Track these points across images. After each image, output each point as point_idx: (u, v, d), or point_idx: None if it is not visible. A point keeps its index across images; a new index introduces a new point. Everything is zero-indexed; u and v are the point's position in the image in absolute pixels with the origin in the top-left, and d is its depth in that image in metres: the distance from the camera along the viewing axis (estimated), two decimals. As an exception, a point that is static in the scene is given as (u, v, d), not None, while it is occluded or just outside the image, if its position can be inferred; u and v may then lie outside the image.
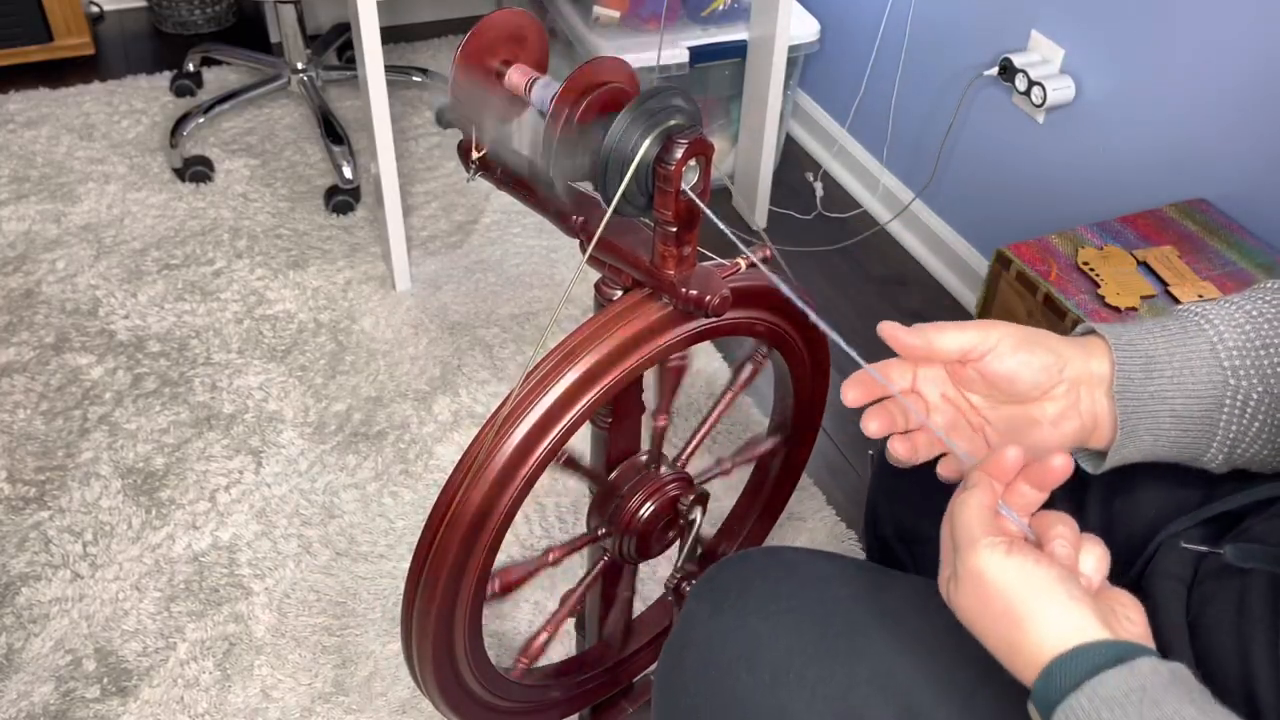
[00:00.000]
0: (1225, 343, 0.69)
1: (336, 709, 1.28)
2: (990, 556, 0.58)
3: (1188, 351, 0.69)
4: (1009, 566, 0.58)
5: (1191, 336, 0.69)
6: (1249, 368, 0.68)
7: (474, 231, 2.04)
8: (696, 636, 0.73)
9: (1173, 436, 0.70)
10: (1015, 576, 0.57)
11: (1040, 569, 0.58)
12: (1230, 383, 0.68)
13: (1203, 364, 0.68)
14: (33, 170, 2.10)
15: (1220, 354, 0.68)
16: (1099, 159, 1.61)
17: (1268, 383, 0.68)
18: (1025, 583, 0.57)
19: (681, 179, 0.73)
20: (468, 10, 2.72)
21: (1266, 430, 0.69)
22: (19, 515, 1.48)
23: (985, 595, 0.58)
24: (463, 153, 0.88)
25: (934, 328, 0.68)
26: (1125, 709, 0.53)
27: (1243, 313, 0.70)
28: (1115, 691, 0.54)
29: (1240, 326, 0.69)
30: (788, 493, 1.18)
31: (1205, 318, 0.70)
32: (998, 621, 0.58)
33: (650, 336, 0.82)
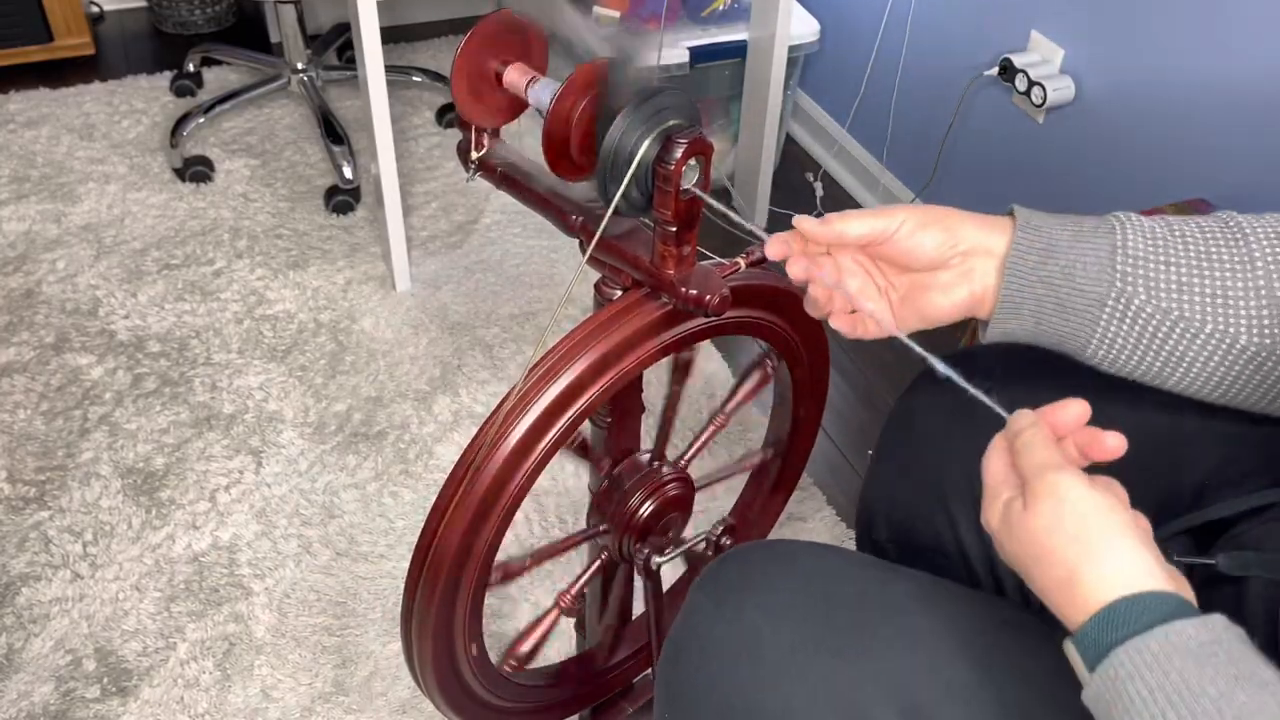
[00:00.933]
0: (1127, 248, 0.71)
1: (336, 709, 1.28)
2: (1076, 482, 0.58)
3: (1086, 247, 0.71)
4: (1092, 497, 0.58)
5: (1099, 235, 0.72)
6: (1141, 277, 0.70)
7: (474, 231, 2.04)
8: (698, 632, 0.73)
9: (1055, 324, 0.72)
10: (1096, 508, 0.57)
11: (1121, 510, 0.58)
12: (1117, 285, 0.70)
13: (1096, 262, 0.71)
14: (33, 170, 2.10)
15: (1118, 258, 0.70)
16: (1099, 159, 1.61)
17: (1154, 295, 0.70)
18: (1105, 517, 0.57)
19: (681, 179, 0.73)
20: (468, 10, 2.72)
21: (1146, 340, 0.71)
22: (19, 515, 1.48)
23: (1061, 516, 0.57)
24: (462, 153, 0.88)
25: (840, 218, 0.72)
26: (1201, 660, 0.51)
27: (1166, 227, 0.71)
28: (1190, 641, 0.52)
29: (1152, 237, 0.71)
30: (789, 491, 1.18)
31: (1126, 223, 0.72)
32: (1068, 546, 0.57)
33: (650, 336, 0.82)
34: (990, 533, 0.63)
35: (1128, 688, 0.52)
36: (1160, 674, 0.52)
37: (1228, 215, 0.73)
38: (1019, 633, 0.70)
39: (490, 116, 0.85)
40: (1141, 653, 0.53)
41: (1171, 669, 0.51)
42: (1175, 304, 0.70)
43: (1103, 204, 1.59)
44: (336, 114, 2.16)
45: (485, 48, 0.80)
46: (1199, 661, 0.51)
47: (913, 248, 0.73)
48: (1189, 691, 0.51)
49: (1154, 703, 0.51)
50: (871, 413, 1.74)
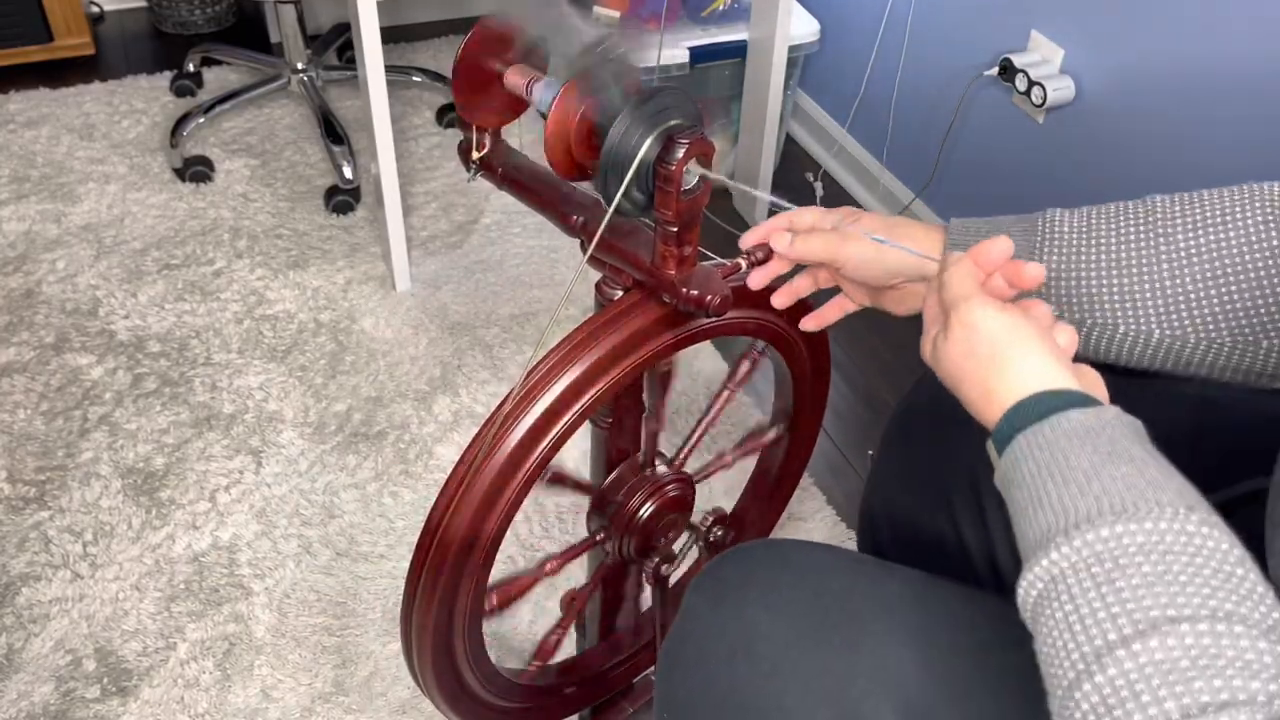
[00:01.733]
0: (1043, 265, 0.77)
1: (336, 709, 1.28)
2: (985, 308, 0.65)
3: None
4: (1001, 318, 0.64)
5: (1019, 252, 0.76)
6: (1053, 293, 0.77)
7: (474, 231, 2.04)
8: (696, 629, 0.73)
9: None
10: (1004, 326, 0.64)
11: (1028, 324, 0.64)
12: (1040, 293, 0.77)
13: None
14: (33, 170, 2.10)
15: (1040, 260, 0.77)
16: (1099, 159, 1.61)
17: (1069, 307, 0.77)
18: (1012, 333, 0.63)
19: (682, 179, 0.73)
20: (468, 10, 2.72)
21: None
22: (19, 515, 1.48)
23: (974, 341, 0.64)
24: (463, 153, 0.88)
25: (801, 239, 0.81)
26: (1083, 440, 0.58)
27: (1086, 233, 0.77)
28: (1077, 426, 0.59)
29: (1066, 249, 0.77)
30: (789, 491, 1.18)
31: (1047, 234, 0.78)
32: (980, 365, 0.64)
33: (650, 336, 0.82)
34: (926, 362, 0.69)
35: (1020, 467, 0.59)
36: (1046, 454, 0.58)
37: (1150, 204, 0.78)
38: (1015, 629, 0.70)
39: (491, 117, 0.85)
40: (1034, 436, 0.59)
41: (1056, 449, 0.58)
42: (1087, 313, 0.76)
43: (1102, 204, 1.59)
44: (336, 114, 2.16)
45: (486, 48, 0.80)
46: (1081, 442, 0.58)
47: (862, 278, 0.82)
48: (1066, 466, 0.57)
49: (1037, 477, 0.58)
50: (871, 413, 1.74)
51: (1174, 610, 0.50)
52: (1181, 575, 0.51)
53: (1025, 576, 0.56)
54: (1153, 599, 0.51)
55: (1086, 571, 0.53)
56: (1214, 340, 0.74)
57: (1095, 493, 0.55)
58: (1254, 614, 0.50)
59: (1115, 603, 0.51)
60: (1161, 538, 0.53)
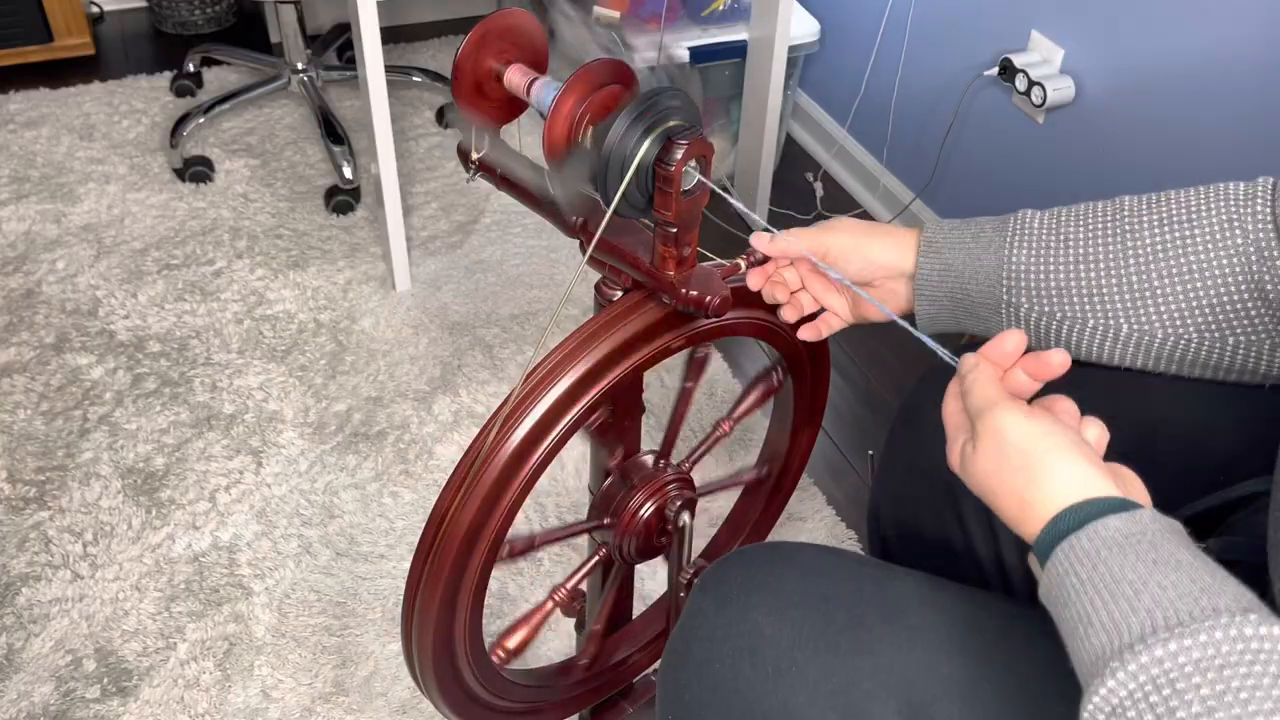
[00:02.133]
0: (1012, 262, 0.79)
1: (336, 709, 1.28)
2: (1012, 416, 0.63)
3: (978, 265, 0.81)
4: (1030, 425, 0.62)
5: (990, 251, 0.80)
6: (1023, 287, 0.79)
7: (474, 231, 2.04)
8: (700, 632, 0.73)
9: (968, 323, 0.83)
10: (1034, 434, 0.62)
11: (1059, 430, 0.62)
12: (1004, 296, 0.80)
13: (986, 277, 0.80)
14: (33, 170, 2.10)
15: (1003, 272, 0.80)
16: (1099, 159, 1.61)
17: (1038, 301, 0.79)
18: (1044, 441, 0.62)
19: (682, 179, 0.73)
20: (468, 10, 2.72)
21: (1041, 337, 0.80)
22: (19, 515, 1.48)
23: (1005, 452, 0.62)
24: (462, 153, 0.88)
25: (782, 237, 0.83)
26: (1124, 549, 0.56)
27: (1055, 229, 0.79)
28: (1116, 534, 0.57)
29: (1035, 244, 0.79)
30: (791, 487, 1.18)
31: (1017, 231, 0.80)
32: (1014, 476, 0.62)
33: (650, 337, 0.82)
34: (956, 473, 0.68)
35: (1065, 582, 0.57)
36: (1089, 566, 0.57)
37: (1119, 202, 0.79)
38: (1019, 629, 0.70)
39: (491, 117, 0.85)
40: (1074, 548, 0.58)
41: (1099, 560, 0.56)
42: (1057, 306, 0.78)
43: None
44: (336, 114, 2.16)
45: (485, 48, 0.80)
46: (1122, 551, 0.56)
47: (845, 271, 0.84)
48: (1111, 579, 0.55)
49: (1084, 592, 0.56)
50: (871, 413, 1.74)
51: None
52: (1242, 692, 0.50)
53: (1086, 706, 0.54)
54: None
55: (1145, 702, 0.51)
56: (1180, 335, 0.76)
57: (1146, 606, 0.53)
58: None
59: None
60: (1218, 649, 0.51)
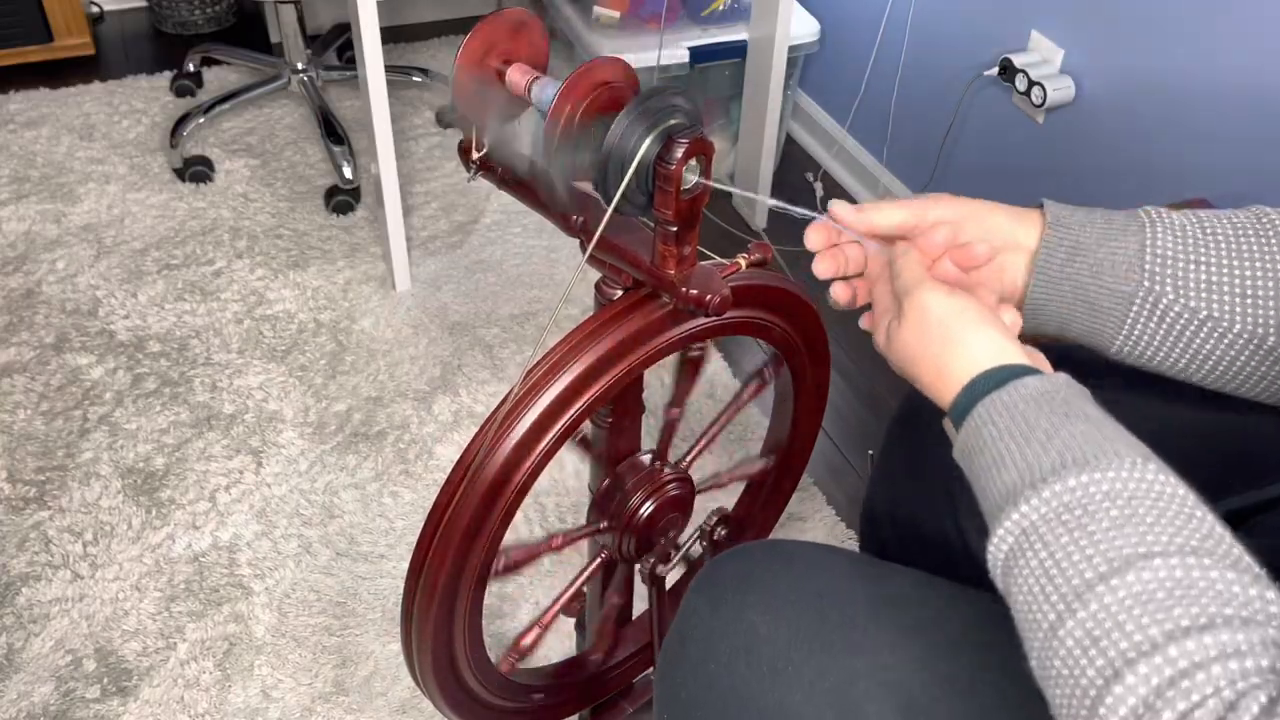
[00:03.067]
0: (1156, 247, 0.71)
1: (336, 709, 1.28)
2: (934, 293, 0.68)
3: (1114, 246, 0.72)
4: (950, 301, 0.67)
5: (1129, 234, 0.72)
6: (1170, 276, 0.71)
7: (474, 231, 2.04)
8: (696, 631, 0.73)
9: (1082, 321, 0.75)
10: (955, 308, 0.67)
11: (976, 305, 0.67)
12: (1145, 284, 0.72)
13: (1125, 262, 0.72)
14: (33, 170, 2.10)
15: (1146, 257, 0.71)
16: (1099, 159, 1.61)
17: (1183, 294, 0.71)
18: (963, 314, 0.66)
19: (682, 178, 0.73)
20: (468, 10, 2.72)
21: (1173, 338, 0.73)
22: (19, 515, 1.48)
23: (926, 325, 0.67)
24: (463, 153, 0.88)
25: (874, 208, 0.75)
26: (1039, 403, 0.60)
27: (1197, 224, 0.72)
28: (1033, 390, 0.61)
29: (1182, 235, 0.72)
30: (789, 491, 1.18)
31: (1156, 219, 0.73)
32: (934, 346, 0.66)
33: (650, 336, 0.82)
34: (881, 353, 0.71)
35: (982, 432, 0.62)
36: (1006, 417, 0.61)
37: (1259, 210, 0.73)
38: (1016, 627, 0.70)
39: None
40: (993, 402, 0.62)
41: (1016, 412, 0.61)
42: (1204, 303, 0.71)
43: (1103, 204, 1.58)
44: (336, 114, 2.16)
45: (485, 48, 0.80)
46: (1038, 405, 0.60)
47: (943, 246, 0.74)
48: (1026, 426, 0.60)
49: (999, 439, 0.60)
50: (871, 413, 1.74)
51: (1145, 548, 0.53)
52: (1148, 517, 0.54)
53: (995, 533, 0.58)
54: (1124, 539, 0.53)
55: (1057, 519, 0.55)
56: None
57: (1057, 448, 0.58)
58: (1218, 549, 0.53)
59: (1089, 545, 0.54)
60: (1125, 485, 0.55)
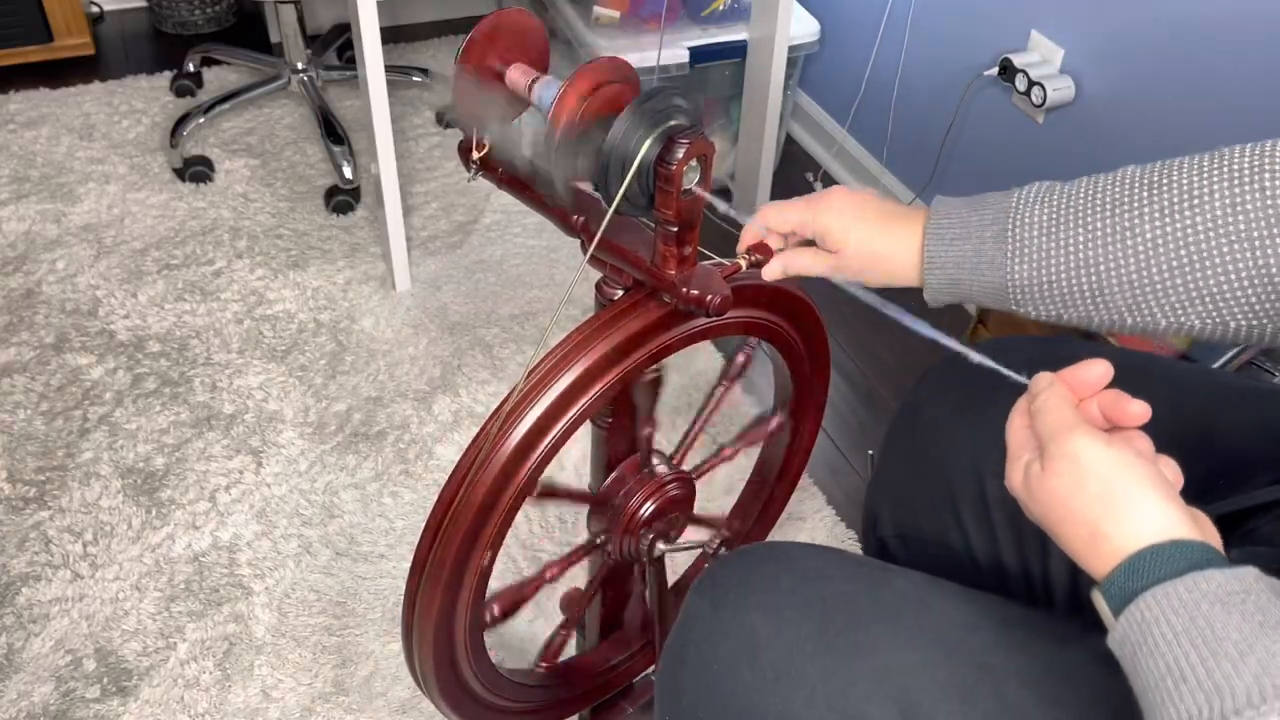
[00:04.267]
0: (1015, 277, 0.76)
1: (336, 709, 1.28)
2: (1091, 441, 0.59)
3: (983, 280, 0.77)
4: (1109, 454, 0.59)
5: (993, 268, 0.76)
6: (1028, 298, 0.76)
7: (474, 231, 2.04)
8: (697, 634, 0.73)
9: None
10: (1115, 465, 0.58)
11: (1141, 463, 0.58)
12: (1012, 307, 0.77)
13: (993, 291, 0.78)
14: (33, 170, 2.10)
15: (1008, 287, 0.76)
16: (1099, 159, 1.61)
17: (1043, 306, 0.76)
18: (1127, 472, 0.58)
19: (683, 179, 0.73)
20: (468, 10, 2.72)
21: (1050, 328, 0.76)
22: (19, 515, 1.48)
23: (1082, 478, 0.59)
24: (463, 153, 0.88)
25: (773, 209, 0.82)
26: (1227, 606, 0.52)
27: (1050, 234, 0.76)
28: (1219, 589, 0.53)
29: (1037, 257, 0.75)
30: (788, 491, 1.18)
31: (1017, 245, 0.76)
32: (1090, 505, 0.58)
33: (651, 336, 0.82)
34: (1015, 496, 0.64)
35: (1153, 631, 0.53)
36: (1186, 618, 0.52)
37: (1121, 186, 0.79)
38: (1017, 631, 0.70)
39: (491, 116, 0.85)
40: (1169, 597, 0.53)
41: (1198, 614, 0.52)
42: (1063, 310, 0.76)
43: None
44: (336, 114, 2.16)
45: (486, 48, 0.80)
46: (1226, 608, 0.52)
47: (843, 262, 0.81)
48: (1213, 635, 0.51)
49: (1178, 645, 0.52)
50: (871, 413, 1.74)
51: None
52: None
53: None
54: None
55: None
56: (1182, 324, 0.74)
57: (1253, 670, 0.50)
58: None
59: None
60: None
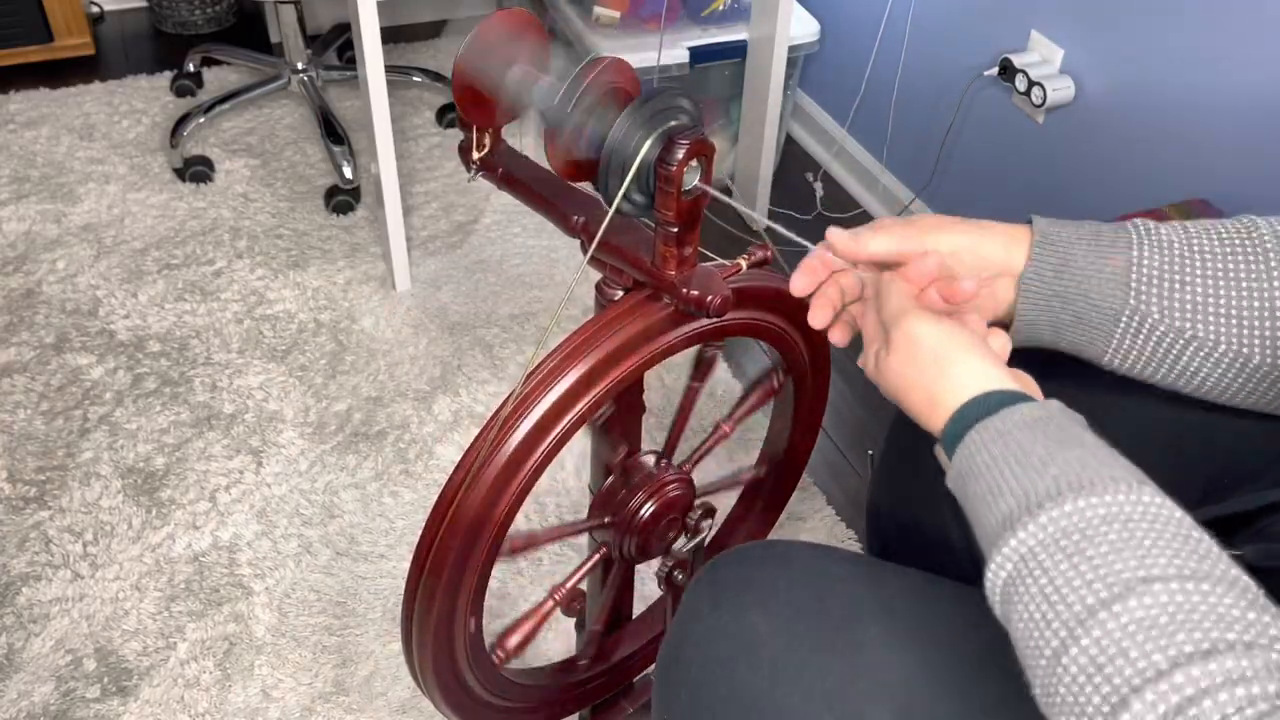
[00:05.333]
0: (1142, 265, 0.72)
1: (336, 709, 1.28)
2: (922, 320, 0.67)
3: (1103, 264, 0.73)
4: (939, 328, 0.67)
5: (1116, 250, 0.72)
6: (1155, 295, 0.71)
7: (474, 231, 2.04)
8: (695, 632, 0.73)
9: (1071, 335, 0.75)
10: (943, 335, 0.67)
11: (965, 332, 0.67)
12: (1130, 303, 0.72)
13: (1112, 279, 0.72)
14: (33, 170, 2.10)
15: (1132, 275, 0.72)
16: (1099, 159, 1.61)
17: (1168, 314, 0.71)
18: (951, 340, 0.66)
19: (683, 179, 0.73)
20: (468, 10, 2.72)
21: (1160, 355, 0.73)
22: (19, 515, 1.48)
23: (915, 352, 0.67)
24: (464, 153, 0.88)
25: (868, 232, 0.74)
26: (1033, 429, 0.60)
27: (1185, 241, 0.72)
28: (1026, 417, 0.61)
29: (1169, 253, 0.72)
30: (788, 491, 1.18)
31: (1144, 236, 0.73)
32: (923, 373, 0.66)
33: (651, 337, 0.82)
34: (871, 379, 0.71)
35: (976, 458, 0.62)
36: (1001, 443, 0.61)
37: (1250, 222, 0.73)
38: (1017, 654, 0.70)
39: (491, 117, 0.85)
40: (987, 429, 0.62)
41: (1010, 439, 0.61)
42: (1189, 324, 0.71)
43: (1103, 204, 1.59)
44: (336, 114, 2.16)
45: (486, 48, 0.80)
46: (1032, 430, 0.60)
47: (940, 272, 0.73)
48: (1022, 452, 0.60)
49: (995, 466, 0.60)
50: (871, 413, 1.74)
51: (1144, 572, 0.53)
52: (1145, 540, 0.54)
53: (993, 560, 0.58)
54: (1123, 563, 0.53)
55: (1055, 545, 0.55)
56: None
57: (1053, 474, 0.58)
58: (1214, 571, 0.53)
59: (1089, 570, 0.54)
60: (1121, 508, 0.56)
